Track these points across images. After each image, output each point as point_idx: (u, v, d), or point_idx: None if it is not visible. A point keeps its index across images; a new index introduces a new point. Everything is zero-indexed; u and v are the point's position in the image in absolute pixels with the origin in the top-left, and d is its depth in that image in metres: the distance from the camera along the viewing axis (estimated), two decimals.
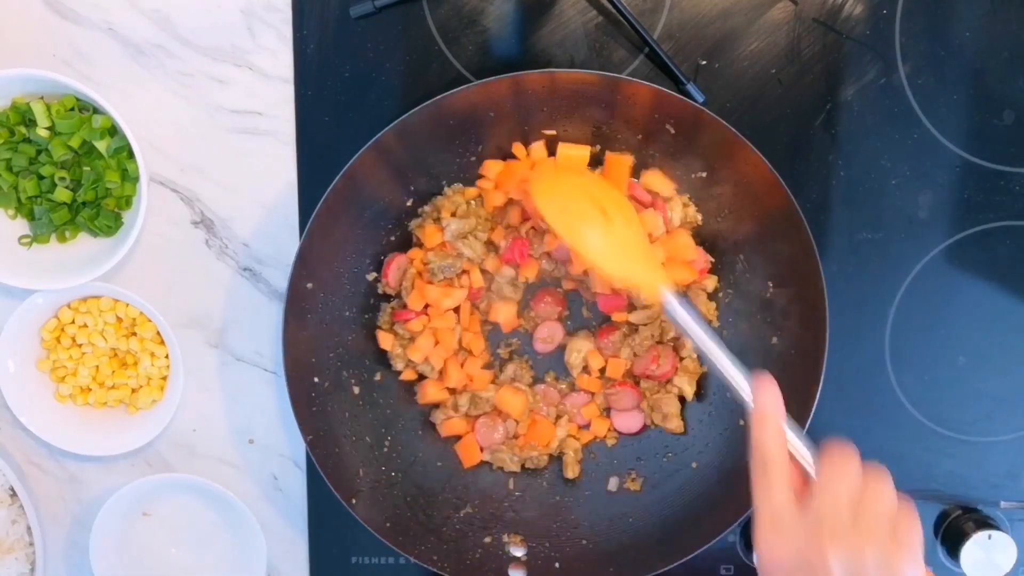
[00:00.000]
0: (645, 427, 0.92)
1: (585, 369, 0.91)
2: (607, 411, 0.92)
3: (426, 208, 0.89)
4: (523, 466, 0.92)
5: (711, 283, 0.89)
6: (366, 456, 0.90)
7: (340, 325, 0.89)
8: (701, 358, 0.74)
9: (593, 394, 0.92)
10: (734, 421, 0.89)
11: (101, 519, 0.93)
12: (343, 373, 0.90)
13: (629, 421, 0.92)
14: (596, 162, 0.88)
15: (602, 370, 0.91)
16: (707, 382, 0.91)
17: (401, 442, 0.92)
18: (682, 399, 0.91)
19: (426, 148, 0.86)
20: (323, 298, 0.87)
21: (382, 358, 0.92)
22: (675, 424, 0.90)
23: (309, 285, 0.86)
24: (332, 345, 0.89)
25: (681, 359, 0.90)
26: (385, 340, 0.90)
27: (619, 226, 0.80)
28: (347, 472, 0.88)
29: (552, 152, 0.87)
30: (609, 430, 0.92)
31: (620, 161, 0.87)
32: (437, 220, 0.89)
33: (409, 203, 0.89)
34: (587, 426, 0.92)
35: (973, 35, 0.87)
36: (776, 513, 0.65)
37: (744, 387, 0.71)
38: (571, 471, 0.92)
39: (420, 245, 0.90)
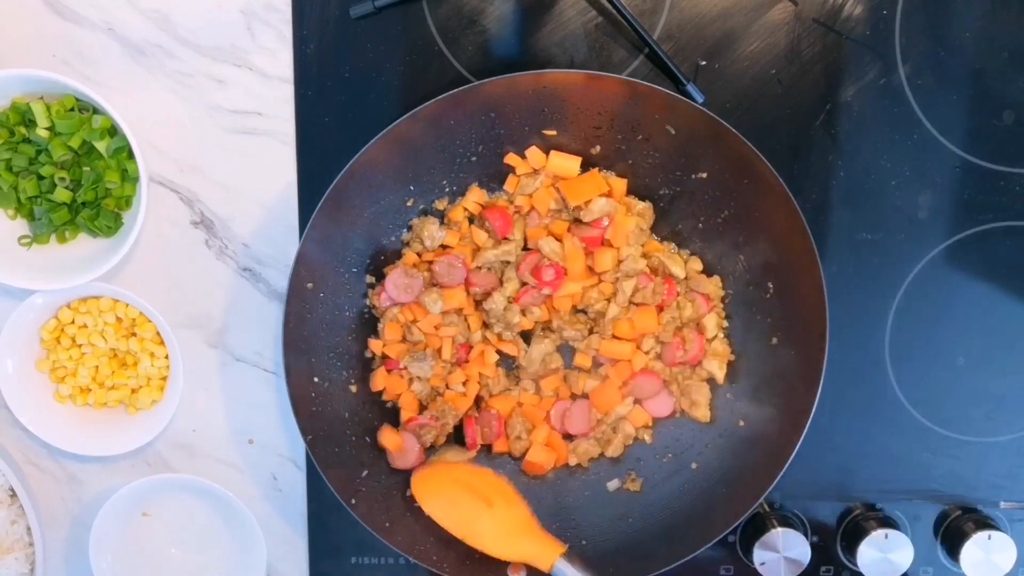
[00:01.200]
0: (674, 413, 0.91)
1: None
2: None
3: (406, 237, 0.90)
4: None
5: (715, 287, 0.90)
6: (366, 456, 0.90)
7: (340, 325, 0.89)
8: None
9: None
10: (734, 422, 0.89)
11: (101, 519, 0.93)
12: (343, 373, 0.90)
13: (658, 405, 0.91)
14: (590, 164, 0.88)
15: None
16: (737, 367, 0.90)
17: None
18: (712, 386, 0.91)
19: (426, 148, 0.86)
20: (323, 298, 0.87)
21: (372, 356, 0.92)
22: (702, 413, 0.90)
23: (309, 285, 0.86)
24: (332, 345, 0.89)
25: (709, 341, 0.90)
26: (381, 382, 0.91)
27: (501, 508, 0.85)
28: (347, 472, 0.88)
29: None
30: (645, 425, 0.92)
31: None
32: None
33: (409, 202, 0.89)
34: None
35: (973, 35, 0.87)
36: None
37: None
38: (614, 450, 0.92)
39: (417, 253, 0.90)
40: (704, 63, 0.88)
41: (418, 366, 0.89)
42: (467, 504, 0.85)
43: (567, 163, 0.87)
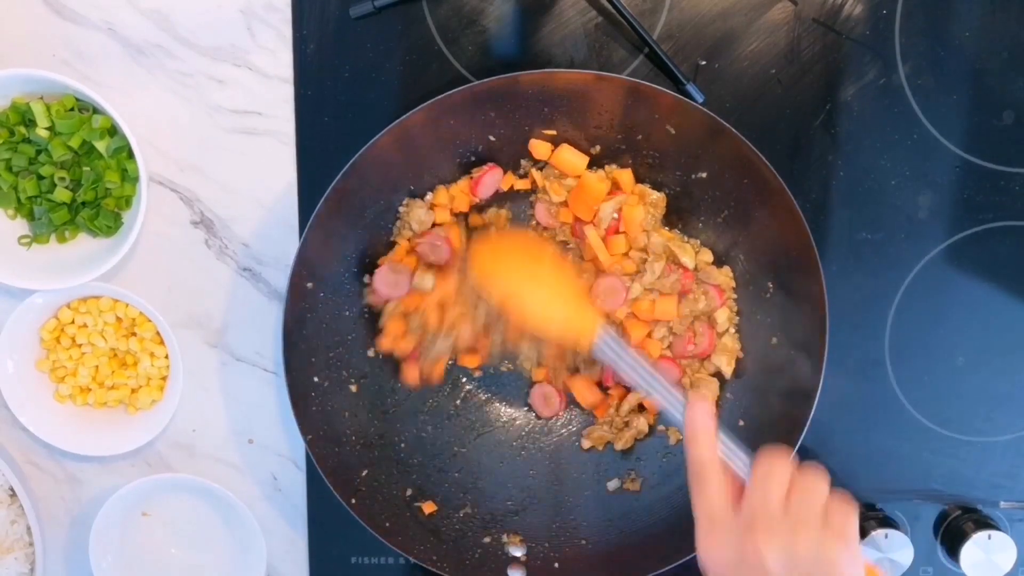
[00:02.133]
0: None
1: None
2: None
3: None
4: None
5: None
6: (366, 456, 0.90)
7: (340, 325, 0.89)
8: (635, 388, 0.76)
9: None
10: (734, 422, 0.89)
11: (101, 519, 0.93)
12: (343, 372, 0.90)
13: None
14: (596, 164, 0.88)
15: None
16: (738, 367, 0.90)
17: (400, 441, 0.92)
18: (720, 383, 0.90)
19: (426, 148, 0.86)
20: (323, 298, 0.87)
21: (382, 356, 0.92)
22: None
23: (309, 285, 0.86)
24: (332, 345, 0.89)
25: (720, 335, 0.90)
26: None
27: (550, 275, 0.83)
28: (347, 472, 0.88)
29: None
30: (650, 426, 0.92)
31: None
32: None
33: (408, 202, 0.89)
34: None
35: (973, 35, 0.87)
36: (712, 515, 0.69)
37: (680, 409, 0.74)
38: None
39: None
40: (704, 63, 0.88)
41: (437, 351, 0.89)
42: (516, 272, 0.82)
43: (574, 159, 0.87)
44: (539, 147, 0.87)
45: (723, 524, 0.68)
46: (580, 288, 0.84)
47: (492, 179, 0.88)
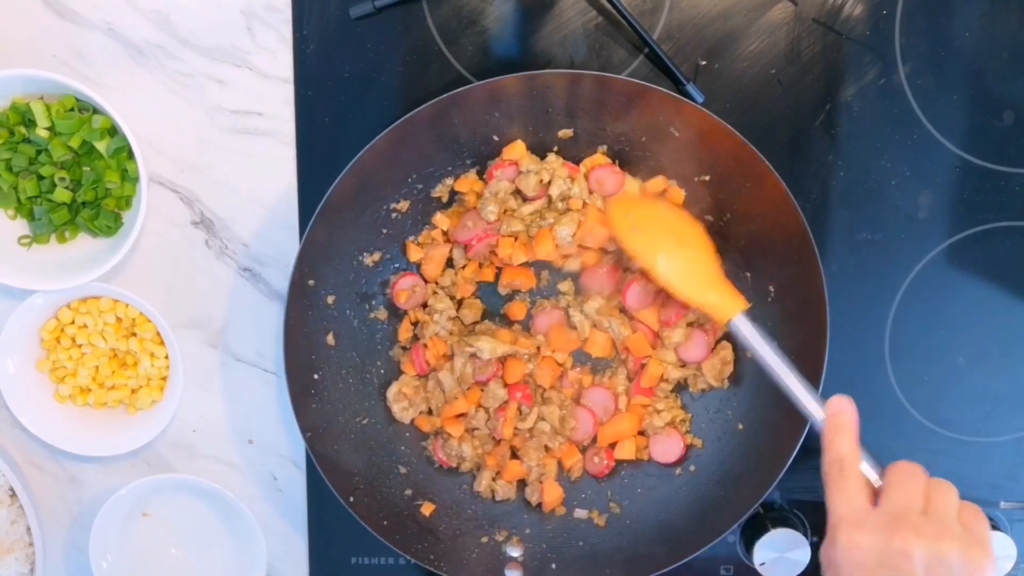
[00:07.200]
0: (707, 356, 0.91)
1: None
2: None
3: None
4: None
5: None
6: (365, 454, 0.90)
7: (340, 322, 0.89)
8: (771, 377, 0.78)
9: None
10: (733, 426, 0.89)
11: (101, 519, 0.93)
12: (342, 370, 0.90)
13: (696, 349, 0.90)
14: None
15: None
16: (738, 371, 0.90)
17: (399, 440, 0.92)
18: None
19: (428, 148, 0.86)
20: (324, 296, 0.87)
21: (380, 355, 0.92)
22: (717, 375, 0.90)
23: (311, 282, 0.86)
24: (333, 342, 0.89)
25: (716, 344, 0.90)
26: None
27: (695, 253, 0.84)
28: (345, 469, 0.88)
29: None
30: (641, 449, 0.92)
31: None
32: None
33: (410, 203, 0.89)
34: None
35: (973, 35, 0.87)
36: (855, 513, 0.67)
37: (813, 403, 0.75)
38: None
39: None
40: (704, 63, 0.88)
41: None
42: (664, 241, 0.83)
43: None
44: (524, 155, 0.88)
45: (867, 521, 0.66)
46: (719, 270, 0.85)
47: (509, 173, 0.88)
